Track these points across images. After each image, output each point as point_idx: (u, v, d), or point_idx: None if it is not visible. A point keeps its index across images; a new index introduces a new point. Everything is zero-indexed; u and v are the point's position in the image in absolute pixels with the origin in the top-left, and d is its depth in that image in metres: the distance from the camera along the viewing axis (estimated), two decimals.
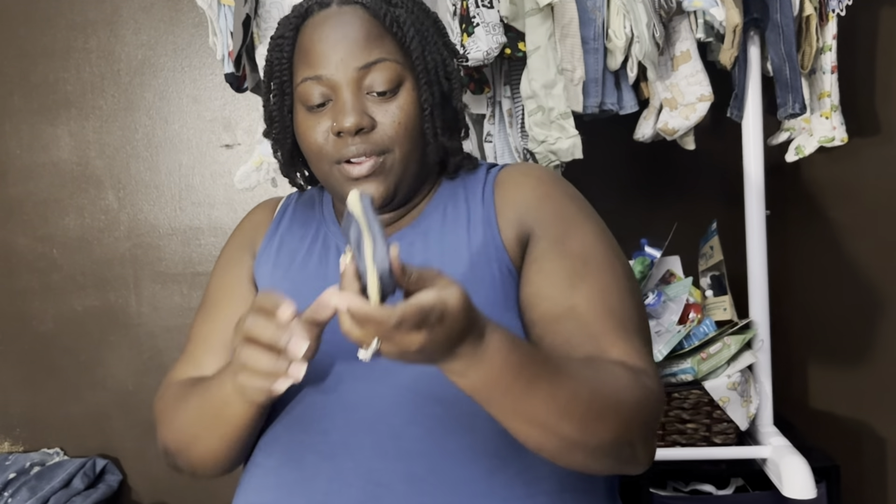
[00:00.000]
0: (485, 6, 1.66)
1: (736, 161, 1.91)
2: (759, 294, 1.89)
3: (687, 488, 1.85)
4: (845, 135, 1.97)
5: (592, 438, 0.83)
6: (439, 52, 1.02)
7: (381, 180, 0.99)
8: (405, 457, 0.91)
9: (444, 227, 1.02)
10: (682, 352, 1.81)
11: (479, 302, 0.90)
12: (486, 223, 1.00)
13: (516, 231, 0.99)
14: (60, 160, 2.28)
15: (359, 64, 0.97)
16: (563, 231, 0.98)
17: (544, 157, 1.72)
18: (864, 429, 2.24)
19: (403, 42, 0.99)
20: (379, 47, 0.97)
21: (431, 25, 1.03)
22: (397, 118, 0.98)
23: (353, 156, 0.98)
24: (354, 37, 0.97)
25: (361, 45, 0.97)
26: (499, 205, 1.01)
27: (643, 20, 1.71)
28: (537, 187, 1.02)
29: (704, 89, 1.81)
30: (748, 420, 1.82)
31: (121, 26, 2.26)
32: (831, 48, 1.93)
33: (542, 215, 1.00)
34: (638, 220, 2.15)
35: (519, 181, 1.04)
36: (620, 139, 2.03)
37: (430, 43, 1.01)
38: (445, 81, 1.02)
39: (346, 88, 0.97)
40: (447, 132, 1.04)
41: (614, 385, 0.85)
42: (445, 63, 1.02)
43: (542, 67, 1.67)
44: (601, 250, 0.98)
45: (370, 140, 0.97)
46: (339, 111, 0.97)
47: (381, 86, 0.97)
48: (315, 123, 0.99)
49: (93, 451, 2.28)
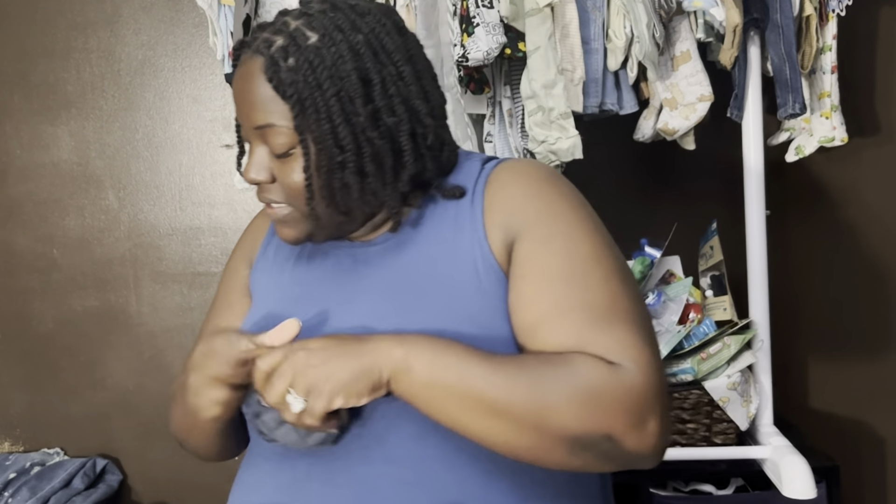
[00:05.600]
0: (485, 6, 1.66)
1: (736, 161, 1.91)
2: (759, 294, 1.89)
3: (687, 488, 1.85)
4: (845, 135, 1.97)
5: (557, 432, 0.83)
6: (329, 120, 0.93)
7: (291, 226, 1.00)
8: (392, 462, 0.91)
9: (431, 231, 1.00)
10: (682, 352, 1.81)
11: (462, 308, 0.93)
12: (472, 224, 0.98)
13: (503, 234, 0.96)
14: (60, 160, 2.28)
15: (253, 124, 0.95)
16: (549, 230, 0.95)
17: (544, 157, 1.72)
18: (864, 429, 2.24)
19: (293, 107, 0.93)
20: (270, 111, 0.94)
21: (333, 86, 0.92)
22: (287, 180, 0.96)
23: (267, 202, 1.00)
24: (249, 97, 0.95)
25: (255, 106, 0.94)
26: (487, 205, 0.98)
27: (643, 20, 1.71)
28: (527, 186, 0.99)
29: (704, 89, 1.81)
30: (748, 420, 1.82)
31: (121, 26, 2.26)
32: (831, 48, 1.93)
33: (529, 216, 0.96)
34: (638, 220, 2.15)
35: (509, 180, 1.00)
36: (620, 139, 2.03)
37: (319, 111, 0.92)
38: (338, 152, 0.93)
39: (252, 140, 0.98)
40: (332, 202, 0.96)
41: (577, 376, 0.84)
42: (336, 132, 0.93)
43: (542, 67, 1.67)
44: (589, 245, 0.95)
45: (272, 192, 0.99)
46: (248, 160, 0.99)
47: (275, 148, 0.95)
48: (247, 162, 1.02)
49: (93, 451, 2.28)
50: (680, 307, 1.85)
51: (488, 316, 0.93)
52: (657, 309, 1.88)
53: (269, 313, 1.03)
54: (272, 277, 1.10)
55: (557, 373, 0.84)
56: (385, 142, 0.95)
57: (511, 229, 0.96)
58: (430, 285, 0.95)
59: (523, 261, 0.94)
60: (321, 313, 0.99)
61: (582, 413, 0.83)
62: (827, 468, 1.77)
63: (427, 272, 0.97)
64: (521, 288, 0.93)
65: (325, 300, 1.00)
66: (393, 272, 0.99)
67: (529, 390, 0.84)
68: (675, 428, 1.83)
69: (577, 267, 0.92)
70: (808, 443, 1.84)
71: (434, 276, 0.96)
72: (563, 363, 0.86)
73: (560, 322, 0.89)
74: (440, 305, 0.93)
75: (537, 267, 0.93)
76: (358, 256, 1.03)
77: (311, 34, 0.94)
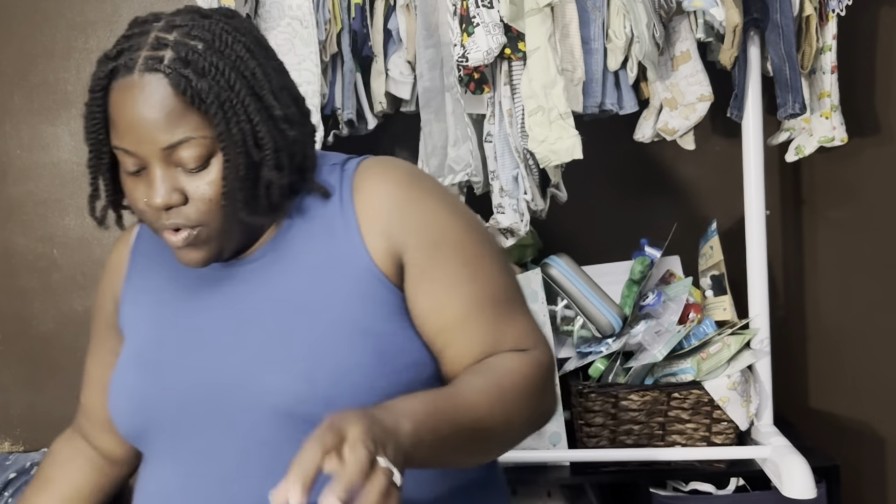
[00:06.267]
0: (485, 6, 1.66)
1: (736, 161, 1.91)
2: (759, 294, 1.89)
3: (687, 488, 1.85)
4: (845, 135, 1.97)
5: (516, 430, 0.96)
6: (248, 120, 0.93)
7: (198, 250, 0.96)
8: None
9: (303, 244, 1.00)
10: (682, 352, 1.81)
11: (351, 319, 0.95)
12: (346, 232, 0.98)
13: (385, 243, 0.97)
14: (60, 160, 2.28)
15: (163, 144, 0.91)
16: (434, 236, 0.98)
17: (544, 157, 1.72)
18: (864, 429, 2.24)
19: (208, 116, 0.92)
20: (183, 125, 0.91)
21: (244, 85, 0.93)
22: (207, 194, 0.93)
23: (167, 228, 0.95)
24: (155, 116, 0.90)
25: (164, 123, 0.90)
26: (360, 213, 0.99)
27: (643, 20, 1.71)
28: (398, 193, 0.99)
29: (704, 89, 1.81)
30: (748, 420, 1.82)
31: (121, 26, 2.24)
32: (831, 48, 1.93)
33: (410, 226, 0.98)
34: (638, 220, 2.15)
35: (378, 188, 1.00)
36: (620, 139, 2.03)
37: (237, 112, 0.92)
38: (256, 151, 0.93)
39: (153, 164, 0.92)
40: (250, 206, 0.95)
41: (515, 379, 0.95)
42: (256, 130, 0.93)
43: (542, 67, 1.67)
44: (470, 242, 1.01)
45: (182, 214, 0.94)
46: (150, 186, 0.93)
47: (190, 163, 0.92)
48: (134, 188, 0.96)
49: None
50: (680, 307, 1.85)
51: (379, 322, 0.96)
52: (657, 309, 1.88)
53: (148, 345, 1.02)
54: (145, 309, 1.06)
55: (502, 384, 0.94)
56: (295, 133, 0.97)
57: (394, 239, 0.98)
58: (315, 303, 0.96)
59: (422, 270, 0.98)
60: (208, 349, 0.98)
61: (531, 405, 0.97)
62: (827, 468, 1.77)
63: (310, 288, 0.97)
64: (431, 293, 0.98)
65: (210, 330, 0.98)
66: (275, 291, 0.98)
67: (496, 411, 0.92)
68: (675, 428, 1.83)
69: (470, 267, 0.99)
70: (808, 443, 1.84)
71: (317, 290, 0.97)
72: (501, 373, 0.95)
73: (475, 324, 0.98)
74: (328, 322, 0.95)
75: (437, 274, 0.98)
76: (235, 276, 1.01)
77: (196, 42, 0.92)
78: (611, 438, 1.83)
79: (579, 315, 1.86)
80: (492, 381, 0.93)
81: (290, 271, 0.99)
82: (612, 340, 1.84)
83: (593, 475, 1.85)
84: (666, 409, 1.81)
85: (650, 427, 1.82)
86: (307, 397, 0.92)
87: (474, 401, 0.90)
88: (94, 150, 0.97)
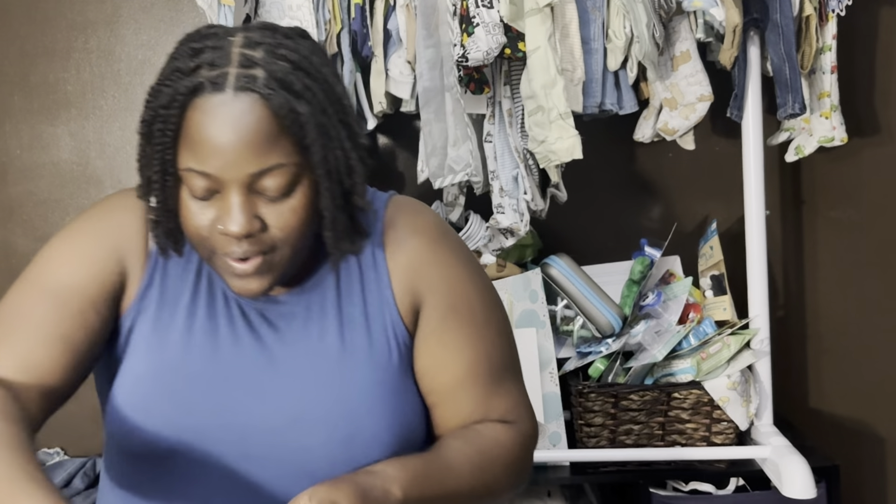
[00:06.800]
0: (485, 6, 1.66)
1: (736, 161, 1.91)
2: (759, 294, 1.89)
3: (687, 488, 1.85)
4: (845, 135, 1.97)
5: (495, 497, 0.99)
6: (341, 146, 0.89)
7: (261, 279, 0.90)
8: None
9: (339, 292, 0.98)
10: (682, 352, 1.81)
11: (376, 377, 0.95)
12: (379, 288, 0.98)
13: (410, 298, 0.98)
14: (60, 160, 2.28)
15: (252, 170, 0.84)
16: (453, 299, 1.00)
17: (544, 157, 1.72)
18: (864, 429, 2.24)
19: (302, 141, 0.86)
20: (276, 151, 0.85)
21: (336, 110, 0.89)
22: (289, 221, 0.88)
23: (238, 256, 0.88)
24: (249, 139, 0.84)
25: (256, 148, 0.84)
26: (391, 265, 0.98)
27: (643, 20, 1.71)
28: (426, 248, 1.00)
29: (704, 89, 1.81)
30: (748, 420, 1.82)
31: (121, 26, 2.26)
32: (831, 48, 1.93)
33: (434, 283, 0.99)
34: (638, 220, 2.15)
35: (408, 241, 0.99)
36: (620, 139, 2.03)
37: (332, 139, 0.88)
38: (348, 180, 0.90)
39: (235, 190, 0.85)
40: (348, 235, 0.93)
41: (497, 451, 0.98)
42: (347, 157, 0.89)
43: (542, 67, 1.67)
44: (482, 307, 1.02)
45: (257, 241, 0.88)
46: (227, 212, 0.86)
47: (274, 192, 0.86)
48: (199, 212, 0.88)
49: (93, 451, 2.28)
50: (680, 307, 1.85)
51: (402, 380, 0.98)
52: (657, 309, 1.88)
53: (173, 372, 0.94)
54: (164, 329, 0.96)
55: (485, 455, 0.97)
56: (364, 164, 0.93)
57: (416, 294, 0.99)
58: (351, 359, 0.95)
59: (436, 328, 0.99)
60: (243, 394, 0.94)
61: (510, 476, 1.00)
62: (827, 468, 1.78)
63: (344, 343, 0.96)
64: (436, 355, 0.99)
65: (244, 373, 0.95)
66: (310, 342, 0.96)
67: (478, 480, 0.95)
68: (675, 428, 1.83)
69: (477, 332, 1.00)
70: (808, 443, 1.84)
71: (352, 346, 0.96)
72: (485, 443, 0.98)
73: (469, 390, 1.00)
74: (365, 382, 0.95)
75: (449, 336, 0.99)
76: (268, 316, 0.97)
77: (284, 63, 0.86)
78: (611, 438, 1.83)
79: (579, 315, 1.86)
80: (476, 451, 0.96)
81: (324, 321, 0.97)
82: (612, 340, 1.84)
83: (593, 475, 1.85)
84: (666, 409, 1.81)
85: (650, 427, 1.82)
86: (342, 462, 0.92)
87: (459, 468, 0.93)
88: (160, 171, 0.87)
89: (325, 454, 0.92)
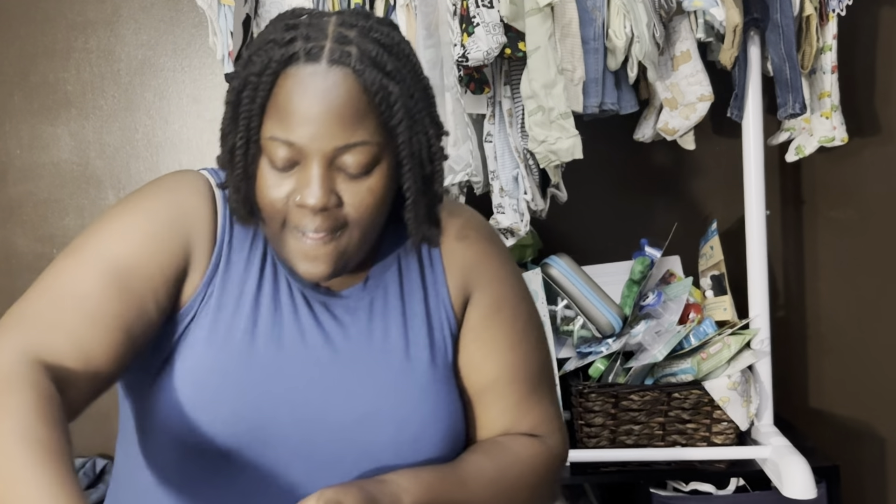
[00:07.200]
0: (485, 6, 1.66)
1: (736, 161, 1.91)
2: (759, 294, 1.89)
3: (687, 488, 1.85)
4: (845, 135, 1.97)
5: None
6: (425, 132, 0.91)
7: (332, 257, 0.89)
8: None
9: (402, 287, 0.99)
10: (682, 352, 1.81)
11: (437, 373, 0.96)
12: (436, 286, 1.00)
13: (462, 295, 1.00)
14: (60, 160, 2.28)
15: (338, 144, 0.85)
16: (497, 298, 1.00)
17: (544, 157, 1.72)
18: (864, 429, 2.24)
19: (389, 121, 0.87)
20: (362, 127, 0.86)
21: (422, 97, 0.91)
22: (365, 200, 0.88)
23: (311, 230, 0.88)
24: (338, 111, 0.85)
25: (345, 122, 0.85)
26: (447, 265, 1.00)
27: (643, 20, 1.71)
28: (478, 246, 1.02)
29: (704, 89, 1.81)
30: (748, 420, 1.82)
31: (121, 26, 2.26)
32: (831, 48, 1.93)
33: (482, 280, 1.00)
34: (638, 220, 2.15)
35: (463, 241, 1.01)
36: (620, 139, 2.03)
37: (418, 122, 0.90)
38: (429, 164, 0.92)
39: (317, 162, 0.86)
40: (428, 220, 0.94)
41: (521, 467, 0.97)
42: (430, 143, 0.91)
43: (542, 67, 1.67)
44: (524, 312, 1.02)
45: (331, 217, 0.88)
46: (306, 184, 0.86)
47: (354, 168, 0.87)
48: (277, 183, 0.88)
49: (93, 451, 2.28)
50: (680, 307, 1.85)
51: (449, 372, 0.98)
52: (657, 309, 1.88)
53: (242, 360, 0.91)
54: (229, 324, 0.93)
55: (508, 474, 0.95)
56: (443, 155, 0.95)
57: (466, 291, 1.00)
58: (415, 356, 0.96)
59: (476, 326, 0.99)
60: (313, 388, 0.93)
61: (531, 493, 0.98)
62: (827, 468, 1.77)
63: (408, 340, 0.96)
64: (473, 352, 0.99)
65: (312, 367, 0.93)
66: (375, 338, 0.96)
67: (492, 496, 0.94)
68: (675, 428, 1.83)
69: (517, 336, 1.01)
70: (808, 443, 1.84)
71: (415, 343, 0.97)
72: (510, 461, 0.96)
73: (502, 394, 0.99)
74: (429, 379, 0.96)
75: (489, 335, 0.99)
76: (332, 310, 0.96)
77: (377, 46, 0.87)
78: (611, 438, 1.83)
79: (579, 315, 1.86)
80: (496, 467, 0.94)
81: (388, 318, 0.97)
82: (613, 340, 1.84)
83: (593, 475, 1.85)
84: (666, 409, 1.81)
85: (650, 427, 1.82)
86: (410, 455, 0.92)
87: (474, 484, 0.92)
88: (244, 138, 0.88)
89: (392, 454, 0.92)
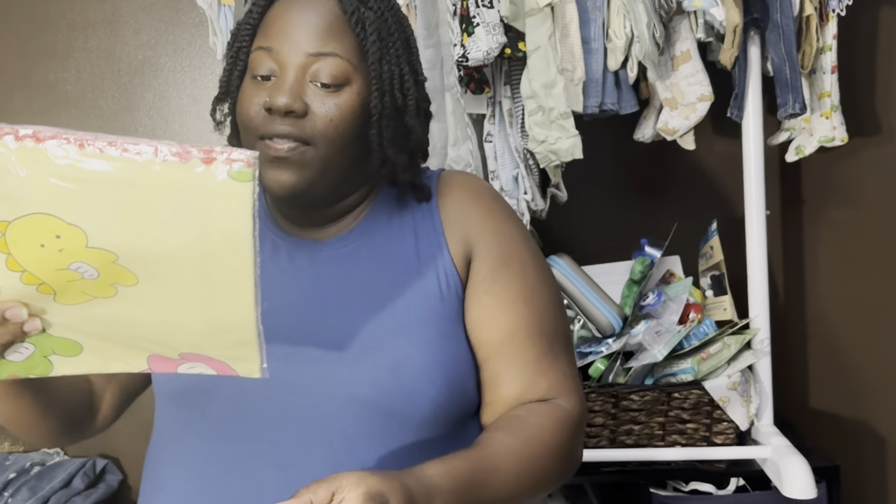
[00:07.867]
0: (485, 6, 1.66)
1: (736, 161, 1.91)
2: (759, 294, 1.89)
3: (687, 488, 1.85)
4: (845, 135, 1.97)
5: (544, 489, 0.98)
6: (398, 66, 0.98)
7: (295, 169, 0.94)
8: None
9: (391, 236, 1.02)
10: (682, 352, 1.81)
11: (425, 315, 0.96)
12: (432, 236, 1.01)
13: (463, 249, 1.01)
14: None
15: (310, 50, 0.94)
16: (504, 252, 1.01)
17: (544, 157, 1.72)
18: (864, 429, 2.24)
19: (363, 44, 0.96)
20: (336, 41, 0.94)
21: (401, 39, 0.99)
22: (331, 114, 0.94)
23: (276, 134, 0.93)
24: (315, 23, 0.94)
25: (319, 33, 0.94)
26: (444, 219, 1.02)
27: (643, 20, 1.71)
28: (479, 202, 1.04)
29: (704, 89, 1.81)
30: (748, 420, 1.82)
31: (121, 26, 2.26)
32: (831, 48, 1.93)
33: (485, 234, 1.02)
34: (638, 220, 2.16)
35: (462, 195, 1.04)
36: (620, 139, 2.03)
37: (390, 54, 0.97)
38: (400, 96, 0.98)
39: (291, 69, 0.94)
40: (393, 145, 0.99)
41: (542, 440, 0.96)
42: (403, 79, 0.98)
43: (542, 67, 1.67)
44: (534, 268, 1.03)
45: (297, 125, 0.93)
46: (277, 89, 0.94)
47: (325, 78, 0.94)
48: (254, 94, 0.95)
49: (93, 451, 2.28)
50: (680, 307, 1.85)
51: (447, 323, 0.98)
52: (657, 309, 1.88)
53: None
54: None
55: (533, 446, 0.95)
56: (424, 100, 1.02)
57: (469, 245, 1.01)
58: (401, 300, 0.97)
59: (486, 278, 1.00)
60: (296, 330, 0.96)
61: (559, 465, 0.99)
62: (827, 468, 1.77)
63: (395, 284, 0.98)
64: (486, 305, 1.00)
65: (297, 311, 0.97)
66: (361, 282, 0.99)
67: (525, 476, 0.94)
68: (675, 428, 1.83)
69: (529, 290, 1.01)
70: (808, 443, 1.84)
71: (403, 288, 0.98)
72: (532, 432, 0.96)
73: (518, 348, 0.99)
74: (413, 320, 0.97)
75: (499, 287, 1.00)
76: (321, 257, 1.01)
77: None
78: (611, 438, 1.83)
79: (579, 315, 1.86)
80: (523, 442, 0.95)
81: (376, 264, 1.00)
82: (613, 340, 1.84)
83: (593, 475, 1.85)
84: (666, 409, 1.81)
85: (650, 427, 1.82)
86: (390, 389, 0.93)
87: (505, 466, 0.92)
88: (234, 54, 0.99)
89: (375, 381, 0.93)
